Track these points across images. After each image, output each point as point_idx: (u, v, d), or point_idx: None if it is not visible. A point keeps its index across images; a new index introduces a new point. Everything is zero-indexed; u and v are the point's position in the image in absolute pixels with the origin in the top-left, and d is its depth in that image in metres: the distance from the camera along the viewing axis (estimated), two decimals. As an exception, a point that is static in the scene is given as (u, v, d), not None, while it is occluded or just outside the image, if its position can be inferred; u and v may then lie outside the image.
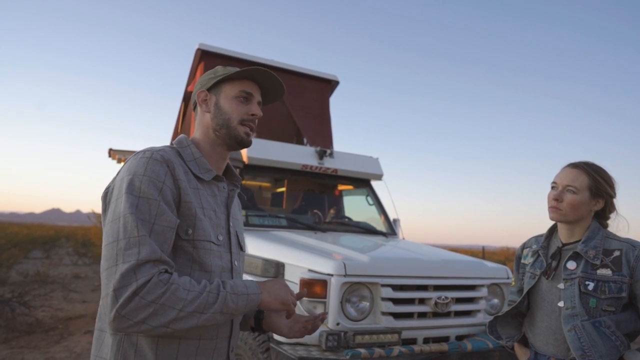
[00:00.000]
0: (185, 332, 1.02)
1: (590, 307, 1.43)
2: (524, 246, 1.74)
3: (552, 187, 1.56)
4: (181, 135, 1.20)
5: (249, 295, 1.01)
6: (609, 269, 1.44)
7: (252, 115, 1.18)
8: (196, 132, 1.22)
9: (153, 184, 0.99)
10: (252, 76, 1.18)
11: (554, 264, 1.55)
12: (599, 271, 1.45)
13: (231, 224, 1.18)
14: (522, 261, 1.72)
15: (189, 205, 1.04)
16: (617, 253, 1.46)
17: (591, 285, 1.44)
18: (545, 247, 1.62)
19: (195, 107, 1.23)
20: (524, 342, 1.67)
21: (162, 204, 0.99)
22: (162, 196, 0.99)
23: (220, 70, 1.19)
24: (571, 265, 1.50)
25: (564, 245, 1.56)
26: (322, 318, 1.24)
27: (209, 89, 1.19)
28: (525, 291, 1.61)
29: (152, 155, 1.03)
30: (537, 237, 1.70)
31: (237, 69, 1.17)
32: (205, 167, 1.14)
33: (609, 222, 1.57)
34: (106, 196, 1.05)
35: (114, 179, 1.06)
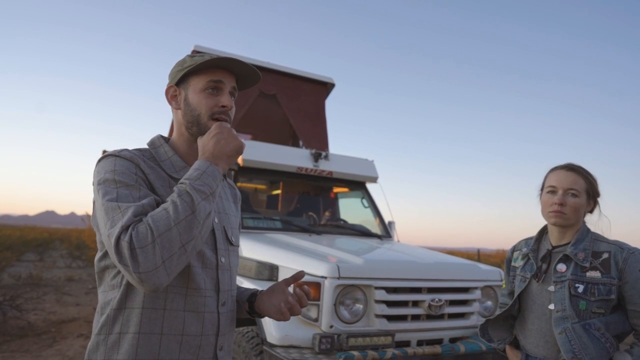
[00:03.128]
0: (167, 329, 1.01)
1: (580, 309, 1.44)
2: (514, 249, 1.75)
3: (550, 191, 1.54)
4: (154, 136, 1.16)
5: (207, 171, 0.97)
6: (598, 271, 1.45)
7: (223, 107, 1.09)
8: (174, 130, 1.16)
9: (127, 176, 0.99)
10: (221, 65, 1.11)
11: (544, 266, 1.55)
12: (588, 273, 1.46)
13: (216, 220, 1.13)
14: (513, 264, 1.72)
15: (160, 201, 1.01)
16: (605, 255, 1.47)
17: (581, 288, 1.44)
18: (535, 250, 1.62)
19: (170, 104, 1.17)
20: (516, 344, 1.67)
21: (143, 188, 0.99)
22: (139, 183, 0.99)
23: (187, 61, 1.10)
24: (561, 267, 1.50)
25: (554, 247, 1.57)
26: (309, 295, 1.16)
27: (178, 84, 1.13)
28: (516, 294, 1.61)
29: (119, 154, 1.02)
30: (527, 240, 1.70)
31: (204, 59, 1.08)
32: (180, 165, 1.11)
33: (592, 220, 1.59)
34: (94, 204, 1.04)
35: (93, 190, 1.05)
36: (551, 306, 1.49)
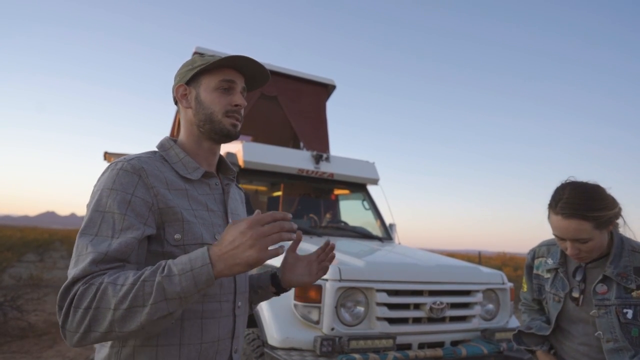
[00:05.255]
0: (187, 338, 0.99)
1: (633, 336, 1.32)
2: (534, 255, 1.61)
3: (558, 238, 1.39)
4: (163, 138, 1.15)
5: (193, 271, 0.84)
6: None
7: (236, 106, 1.11)
8: (181, 130, 1.16)
9: (121, 197, 0.95)
10: (232, 64, 1.11)
11: (581, 286, 1.41)
12: (634, 294, 1.32)
13: (230, 221, 1.13)
14: (535, 271, 1.59)
15: (173, 210, 1.00)
16: None
17: (630, 313, 1.32)
18: (563, 263, 1.48)
19: (176, 103, 1.16)
20: (550, 348, 1.57)
21: (130, 217, 0.94)
22: (131, 208, 0.95)
23: (197, 61, 1.11)
24: (601, 288, 1.36)
25: (587, 262, 1.41)
26: (332, 248, 1.17)
27: (188, 83, 1.13)
28: (552, 317, 1.50)
29: (122, 167, 0.99)
30: (548, 247, 1.56)
31: (216, 58, 1.09)
32: (192, 166, 1.10)
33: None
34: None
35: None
36: (598, 334, 1.36)
